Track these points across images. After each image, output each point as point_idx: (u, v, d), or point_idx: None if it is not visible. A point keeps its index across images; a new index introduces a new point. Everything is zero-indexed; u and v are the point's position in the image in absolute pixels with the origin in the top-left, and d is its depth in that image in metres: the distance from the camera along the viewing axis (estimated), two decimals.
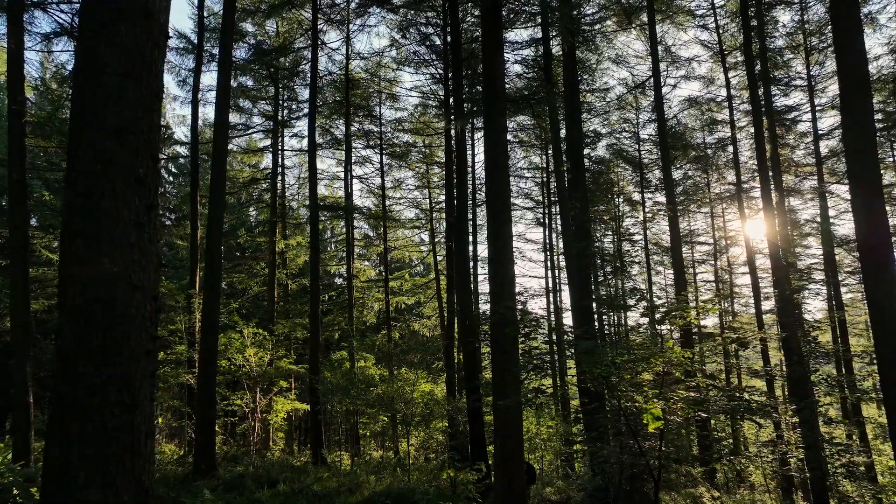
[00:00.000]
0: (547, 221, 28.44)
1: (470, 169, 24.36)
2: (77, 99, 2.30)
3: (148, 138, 2.31)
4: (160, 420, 21.28)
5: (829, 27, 20.24)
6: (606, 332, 25.90)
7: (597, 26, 19.04)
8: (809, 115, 21.45)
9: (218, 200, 12.26)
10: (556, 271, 28.42)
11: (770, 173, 15.03)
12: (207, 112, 45.04)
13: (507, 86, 12.10)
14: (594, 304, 13.77)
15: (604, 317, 25.06)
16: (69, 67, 17.42)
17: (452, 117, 15.21)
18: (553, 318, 26.01)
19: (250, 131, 24.83)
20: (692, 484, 11.03)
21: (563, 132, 17.35)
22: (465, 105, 14.19)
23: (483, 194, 26.46)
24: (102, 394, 2.12)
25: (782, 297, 12.12)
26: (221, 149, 12.59)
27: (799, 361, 12.05)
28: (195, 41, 18.90)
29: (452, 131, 18.11)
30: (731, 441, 20.16)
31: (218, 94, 12.77)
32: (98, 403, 2.11)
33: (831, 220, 21.86)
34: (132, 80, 2.29)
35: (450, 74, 17.60)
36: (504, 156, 7.21)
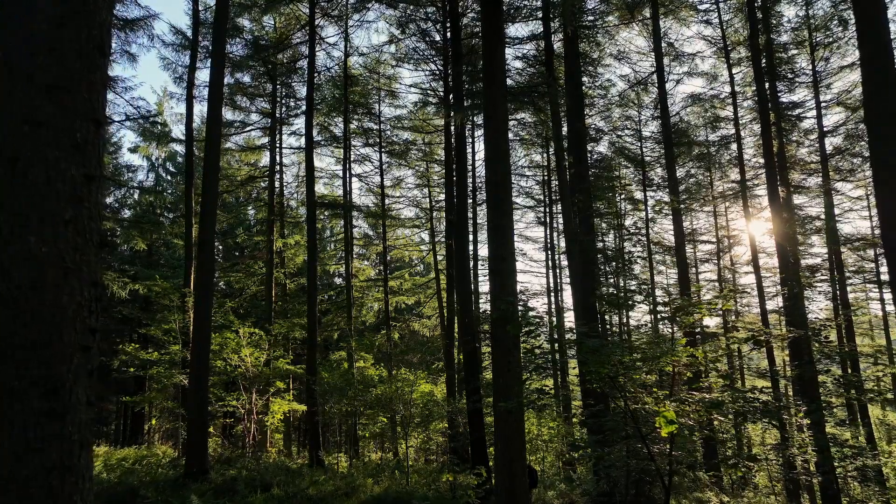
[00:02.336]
0: (548, 220, 28.14)
1: (470, 167, 24.06)
2: (2, 49, 1.97)
3: (89, 98, 1.98)
4: (154, 421, 20.97)
5: (835, 22, 20.06)
6: (608, 332, 25.58)
7: (599, 21, 18.74)
8: (814, 112, 21.16)
9: (211, 194, 11.95)
10: (558, 270, 28.12)
11: (776, 169, 14.72)
12: (204, 109, 44.65)
13: (507, 81, 11.80)
14: (597, 303, 13.43)
15: (605, 316, 24.73)
16: None
17: (452, 112, 14.90)
18: (554, 318, 25.68)
19: (248, 129, 24.54)
20: (699, 488, 10.71)
21: (564, 129, 17.05)
22: (466, 100, 13.88)
23: (484, 193, 26.19)
24: (23, 400, 1.79)
25: (791, 296, 11.80)
26: (214, 143, 12.28)
27: (809, 362, 11.72)
28: (191, 37, 18.60)
29: (452, 127, 17.81)
30: (734, 443, 19.86)
31: (211, 86, 12.46)
32: (18, 412, 1.77)
33: (836, 218, 21.55)
34: (69, 30, 1.96)
35: (449, 70, 17.31)
36: (505, 144, 6.90)
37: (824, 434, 9.92)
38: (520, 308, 6.01)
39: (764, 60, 16.60)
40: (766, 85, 16.49)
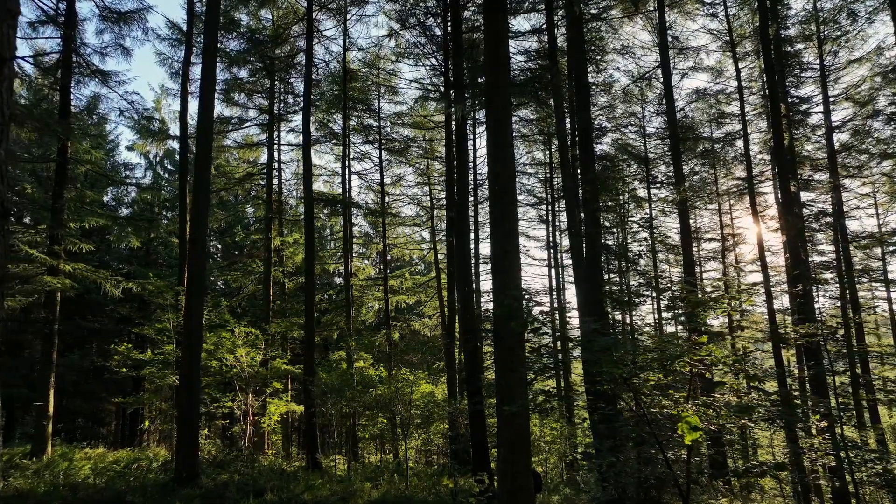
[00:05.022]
0: (550, 218, 27.78)
1: (471, 164, 23.68)
2: None
3: None
4: (147, 423, 20.63)
5: (844, 14, 19.65)
6: (612, 330, 25.17)
7: (603, 15, 18.37)
8: (821, 108, 20.79)
9: (202, 190, 11.58)
10: (560, 269, 27.75)
11: (787, 164, 14.30)
12: None
13: (509, 74, 11.37)
14: (604, 300, 13.01)
15: (607, 316, 24.30)
16: (53, 55, 16.76)
17: (453, 105, 14.51)
18: (557, 318, 25.30)
19: (246, 125, 24.12)
20: (706, 491, 10.32)
21: (567, 124, 16.64)
22: (467, 91, 13.50)
23: (484, 191, 25.79)
24: None
25: (804, 294, 11.40)
26: (206, 136, 11.91)
27: (818, 362, 11.34)
28: (186, 30, 18.21)
29: (453, 123, 17.43)
30: (740, 445, 19.42)
31: (203, 77, 12.07)
32: None
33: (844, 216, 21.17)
34: None
35: (450, 64, 16.95)
36: (508, 132, 6.49)
37: (836, 436, 9.53)
38: (524, 298, 5.61)
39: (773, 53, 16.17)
40: (776, 77, 16.08)
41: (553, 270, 28.10)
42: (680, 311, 6.33)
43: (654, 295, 23.10)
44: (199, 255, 11.33)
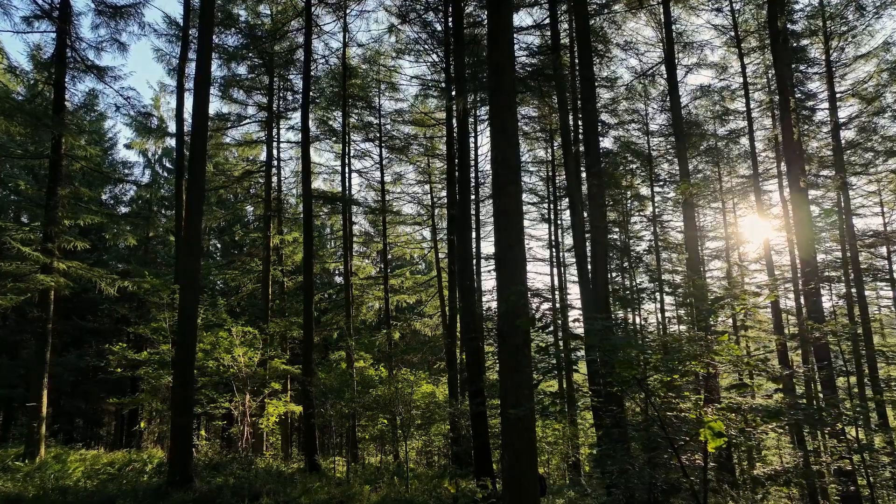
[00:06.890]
0: (552, 217, 27.45)
1: (472, 161, 23.40)
2: None
3: None
4: (143, 424, 20.38)
5: (851, 9, 19.35)
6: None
7: (605, 11, 18.10)
8: (827, 105, 20.50)
9: (197, 187, 11.30)
10: (562, 268, 27.43)
11: (797, 159, 14.00)
12: None
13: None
14: (610, 297, 12.71)
15: (611, 314, 23.98)
16: (49, 51, 16.50)
17: (454, 97, 14.23)
18: (560, 317, 25.01)
19: (244, 122, 23.82)
20: (721, 498, 10.04)
21: (571, 120, 16.35)
22: (469, 84, 13.23)
23: (486, 189, 25.49)
24: None
25: (817, 293, 11.11)
26: (201, 133, 11.64)
27: (828, 363, 11.06)
28: (182, 25, 17.94)
29: (454, 119, 17.16)
30: (745, 448, 19.15)
31: (198, 71, 11.79)
32: None
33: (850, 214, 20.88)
34: None
35: (451, 60, 16.70)
36: (512, 120, 6.21)
37: (848, 439, 9.25)
38: (531, 292, 5.33)
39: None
40: (784, 68, 15.78)
41: (555, 269, 27.77)
42: (689, 309, 6.05)
43: (658, 293, 22.81)
44: (193, 252, 11.06)
